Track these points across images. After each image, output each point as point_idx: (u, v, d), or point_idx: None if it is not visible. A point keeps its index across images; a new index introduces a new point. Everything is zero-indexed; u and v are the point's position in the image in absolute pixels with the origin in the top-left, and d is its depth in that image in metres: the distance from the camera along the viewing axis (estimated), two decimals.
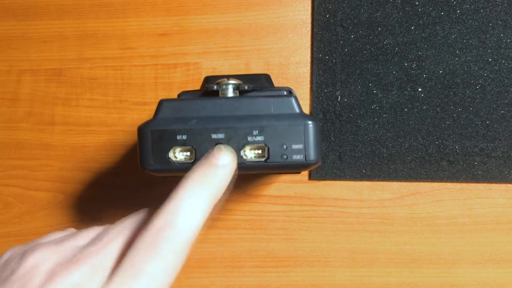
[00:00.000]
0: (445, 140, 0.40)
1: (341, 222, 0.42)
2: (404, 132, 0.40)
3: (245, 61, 0.42)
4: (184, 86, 0.41)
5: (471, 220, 0.41)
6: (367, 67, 0.40)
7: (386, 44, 0.40)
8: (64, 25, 0.43)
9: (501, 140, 0.40)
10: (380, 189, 0.41)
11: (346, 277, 0.42)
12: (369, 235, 0.42)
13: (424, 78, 0.40)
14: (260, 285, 0.42)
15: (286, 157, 0.27)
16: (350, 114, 0.41)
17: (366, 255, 0.42)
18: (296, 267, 0.42)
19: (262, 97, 0.29)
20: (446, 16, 0.40)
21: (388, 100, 0.40)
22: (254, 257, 0.42)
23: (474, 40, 0.40)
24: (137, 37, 0.42)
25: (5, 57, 0.43)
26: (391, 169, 0.41)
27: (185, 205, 0.21)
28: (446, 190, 0.41)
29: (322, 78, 0.41)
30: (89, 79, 0.43)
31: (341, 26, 0.40)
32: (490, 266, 0.41)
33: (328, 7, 0.40)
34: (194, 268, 0.43)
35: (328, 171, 0.41)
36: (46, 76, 0.43)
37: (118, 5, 0.42)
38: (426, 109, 0.40)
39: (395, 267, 0.41)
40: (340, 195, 0.42)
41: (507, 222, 0.41)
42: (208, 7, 0.42)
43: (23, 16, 0.43)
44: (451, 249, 0.41)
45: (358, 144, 0.41)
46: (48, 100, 0.43)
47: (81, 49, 0.43)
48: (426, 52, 0.40)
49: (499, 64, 0.40)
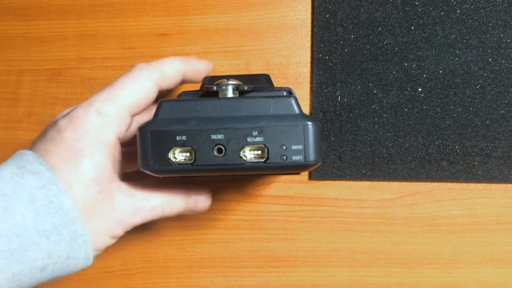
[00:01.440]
0: (445, 140, 0.40)
1: (341, 222, 0.42)
2: (404, 132, 0.40)
3: (245, 61, 0.42)
4: (184, 86, 0.41)
5: (471, 220, 0.41)
6: (367, 67, 0.40)
7: (386, 44, 0.40)
8: (64, 25, 0.43)
9: (501, 140, 0.40)
10: (380, 189, 0.41)
11: (346, 277, 0.42)
12: (369, 235, 0.42)
13: (424, 78, 0.40)
14: (260, 285, 0.42)
15: (285, 158, 0.27)
16: (350, 114, 0.41)
17: (366, 255, 0.42)
18: (296, 267, 0.42)
19: (262, 98, 0.29)
20: (446, 16, 0.40)
21: (388, 100, 0.40)
22: (254, 257, 0.42)
23: (474, 40, 0.40)
24: (137, 37, 0.42)
25: (5, 57, 0.43)
26: (391, 169, 0.41)
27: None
28: (446, 190, 0.41)
29: (322, 78, 0.41)
30: (89, 79, 0.43)
31: (341, 26, 0.40)
32: (490, 266, 0.41)
33: (328, 7, 0.40)
34: (194, 268, 0.43)
35: (328, 171, 0.41)
36: (46, 76, 0.43)
37: (118, 5, 0.42)
38: (426, 109, 0.40)
39: (395, 267, 0.42)
40: (340, 195, 0.42)
41: (507, 222, 0.41)
42: (208, 7, 0.42)
43: (23, 16, 0.43)
44: (451, 249, 0.41)
45: (358, 144, 0.41)
46: (48, 100, 0.43)
47: (81, 49, 0.43)
48: (426, 52, 0.40)
49: (499, 64, 0.40)
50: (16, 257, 0.24)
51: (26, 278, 0.25)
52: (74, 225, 0.26)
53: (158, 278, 0.43)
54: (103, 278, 0.43)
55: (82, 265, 0.28)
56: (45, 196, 0.26)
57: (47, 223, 0.25)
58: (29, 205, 0.25)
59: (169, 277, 0.43)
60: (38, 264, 0.25)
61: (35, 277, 0.26)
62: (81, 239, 0.27)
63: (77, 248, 0.27)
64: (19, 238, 0.24)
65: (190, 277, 0.43)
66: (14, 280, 0.25)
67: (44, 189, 0.26)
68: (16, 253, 0.24)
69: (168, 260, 0.43)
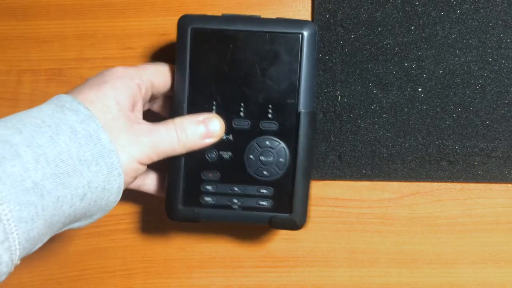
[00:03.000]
0: (445, 140, 0.40)
1: (341, 222, 0.42)
2: (404, 132, 0.40)
3: None
4: None
5: (471, 220, 0.41)
6: (367, 67, 0.40)
7: (386, 44, 0.40)
8: (64, 25, 0.43)
9: (501, 140, 0.40)
10: (380, 189, 0.41)
11: (346, 277, 0.42)
12: (369, 235, 0.42)
13: (424, 78, 0.40)
14: (260, 285, 0.42)
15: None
16: (350, 114, 0.41)
17: (366, 255, 0.42)
18: (296, 267, 0.42)
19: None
20: (446, 16, 0.40)
21: (388, 100, 0.40)
22: (254, 257, 0.42)
23: (474, 40, 0.40)
24: (137, 37, 0.42)
25: (5, 57, 0.43)
26: (391, 169, 0.41)
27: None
28: (446, 190, 0.41)
29: (322, 78, 0.41)
30: None
31: (341, 26, 0.40)
32: (490, 266, 0.41)
33: (328, 7, 0.40)
34: (194, 268, 0.43)
35: (328, 171, 0.41)
36: (46, 76, 0.43)
37: (118, 5, 0.42)
38: (426, 109, 0.40)
39: (395, 267, 0.42)
40: (340, 195, 0.42)
41: (507, 222, 0.41)
42: (208, 7, 0.42)
43: (23, 16, 0.43)
44: (451, 249, 0.41)
45: (358, 144, 0.41)
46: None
47: (81, 49, 0.43)
48: (426, 52, 0.40)
49: (499, 64, 0.40)
50: (62, 181, 0.27)
51: (67, 205, 0.27)
52: (111, 157, 0.29)
53: (158, 278, 0.43)
54: (103, 278, 0.43)
55: (113, 198, 0.30)
56: (85, 130, 0.28)
57: (88, 153, 0.28)
58: (72, 136, 0.28)
59: (169, 277, 0.43)
60: (79, 192, 0.28)
61: (74, 206, 0.28)
62: (116, 172, 0.29)
63: (112, 180, 0.29)
64: (64, 163, 0.27)
65: (190, 277, 0.43)
66: (58, 205, 0.27)
67: (83, 124, 0.28)
68: (62, 177, 0.27)
69: (168, 260, 0.43)
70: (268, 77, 0.35)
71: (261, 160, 0.35)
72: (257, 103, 0.35)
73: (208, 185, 0.36)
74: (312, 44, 0.35)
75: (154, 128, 0.32)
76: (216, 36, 0.35)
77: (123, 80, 0.32)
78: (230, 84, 0.35)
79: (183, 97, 0.35)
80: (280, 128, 0.35)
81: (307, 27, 0.35)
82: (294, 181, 0.35)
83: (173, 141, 0.33)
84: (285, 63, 0.35)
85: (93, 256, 0.43)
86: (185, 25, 0.35)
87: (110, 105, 0.30)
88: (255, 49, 0.35)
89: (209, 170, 0.35)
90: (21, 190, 0.25)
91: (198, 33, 0.35)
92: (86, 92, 0.31)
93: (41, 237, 0.27)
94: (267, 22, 0.35)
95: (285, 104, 0.35)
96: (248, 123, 0.35)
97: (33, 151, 0.26)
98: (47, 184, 0.26)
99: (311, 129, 0.35)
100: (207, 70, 0.35)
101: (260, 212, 0.36)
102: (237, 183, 0.36)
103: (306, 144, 0.35)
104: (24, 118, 0.28)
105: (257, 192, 0.36)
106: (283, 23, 0.35)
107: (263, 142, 0.35)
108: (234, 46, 0.35)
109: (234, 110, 0.35)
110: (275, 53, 0.35)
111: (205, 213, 0.36)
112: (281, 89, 0.35)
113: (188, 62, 0.35)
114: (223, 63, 0.35)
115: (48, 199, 0.26)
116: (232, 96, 0.35)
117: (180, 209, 0.36)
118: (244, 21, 0.35)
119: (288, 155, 0.35)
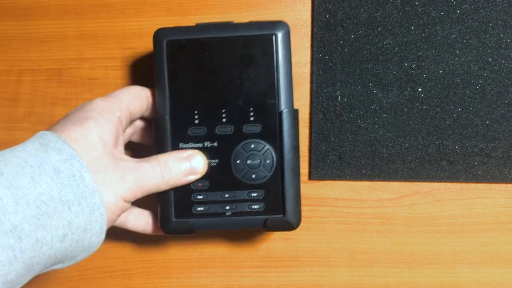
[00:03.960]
0: (445, 140, 0.40)
1: (341, 222, 0.42)
2: (404, 132, 0.40)
3: None
4: None
5: (471, 220, 0.41)
6: (367, 67, 0.40)
7: (386, 44, 0.40)
8: (64, 25, 0.43)
9: (501, 140, 0.40)
10: (380, 189, 0.41)
11: (346, 277, 0.42)
12: (369, 235, 0.42)
13: (424, 78, 0.40)
14: (260, 285, 0.42)
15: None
16: (350, 114, 0.41)
17: (366, 255, 0.42)
18: (296, 267, 0.42)
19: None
20: (446, 16, 0.40)
21: (388, 100, 0.40)
22: (254, 257, 0.42)
23: (474, 40, 0.40)
24: (137, 37, 0.42)
25: (5, 57, 0.43)
26: (391, 169, 0.41)
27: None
28: (446, 190, 0.41)
29: (322, 78, 0.41)
30: (89, 79, 0.43)
31: (341, 26, 0.40)
32: (490, 266, 0.41)
33: (328, 7, 0.40)
34: (194, 268, 0.43)
35: (328, 171, 0.41)
36: (46, 76, 0.43)
37: (118, 5, 0.42)
38: (426, 109, 0.40)
39: (395, 267, 0.42)
40: (340, 195, 0.42)
41: (507, 222, 0.41)
42: (208, 7, 0.42)
43: (23, 16, 0.43)
44: (451, 249, 0.41)
45: (358, 144, 0.41)
46: (48, 100, 0.43)
47: (81, 49, 0.43)
48: (426, 52, 0.40)
49: (499, 64, 0.40)
50: (42, 223, 0.27)
51: (47, 247, 0.27)
52: (93, 197, 0.29)
53: (158, 278, 0.43)
54: (103, 278, 0.43)
55: (96, 239, 0.30)
56: (68, 170, 0.28)
57: (70, 193, 0.28)
58: (54, 176, 0.28)
59: (169, 277, 0.43)
60: (59, 233, 0.27)
61: (55, 248, 0.28)
62: (98, 212, 0.29)
63: (94, 220, 0.29)
64: (45, 205, 0.27)
65: (190, 277, 0.43)
66: (37, 247, 0.26)
67: (67, 164, 0.28)
68: (42, 219, 0.27)
69: (168, 260, 0.43)
70: (247, 80, 0.35)
71: (248, 164, 0.35)
72: (238, 107, 0.35)
73: (199, 194, 0.36)
74: (287, 44, 0.35)
75: (138, 165, 0.32)
76: (191, 46, 0.35)
77: (105, 115, 0.32)
78: (210, 91, 0.35)
79: (165, 110, 0.35)
80: (263, 130, 0.35)
81: (280, 27, 0.35)
82: (283, 181, 0.35)
83: (157, 178, 0.33)
84: (262, 65, 0.35)
85: (93, 256, 0.43)
86: (160, 39, 0.35)
87: (94, 142, 0.30)
88: (231, 54, 0.35)
89: (198, 179, 0.35)
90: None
91: (173, 45, 0.35)
92: (69, 129, 0.31)
93: (19, 279, 0.27)
94: (240, 27, 0.35)
95: (266, 106, 0.35)
96: (231, 128, 0.35)
97: (13, 193, 0.26)
98: (26, 227, 0.26)
99: (294, 128, 0.35)
100: (186, 80, 0.35)
101: (253, 216, 0.36)
102: (227, 190, 0.36)
103: (291, 143, 0.35)
104: (7, 158, 0.28)
105: (248, 196, 0.36)
106: (256, 26, 0.35)
107: (248, 146, 0.35)
108: (210, 53, 0.35)
109: (216, 116, 0.35)
110: (250, 56, 0.35)
111: (199, 223, 0.36)
112: (260, 91, 0.35)
113: (166, 74, 0.35)
114: (201, 72, 0.35)
115: (26, 241, 0.26)
116: (212, 103, 0.35)
117: (174, 221, 0.36)
118: (217, 29, 0.35)
119: (274, 156, 0.35)
